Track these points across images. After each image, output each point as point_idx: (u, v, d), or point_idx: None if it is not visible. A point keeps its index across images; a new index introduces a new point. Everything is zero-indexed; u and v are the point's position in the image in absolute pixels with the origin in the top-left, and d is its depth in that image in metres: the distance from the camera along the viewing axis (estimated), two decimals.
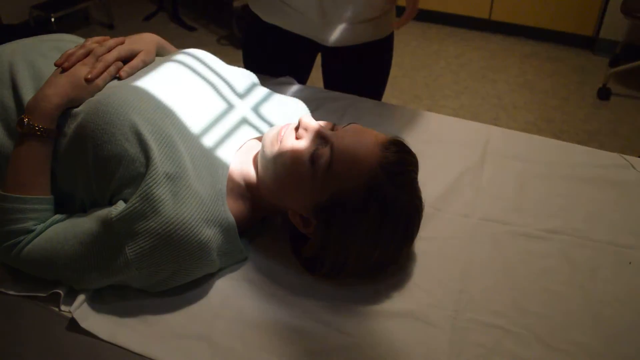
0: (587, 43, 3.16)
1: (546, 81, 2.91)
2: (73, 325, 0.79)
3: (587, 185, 1.06)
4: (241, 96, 0.98)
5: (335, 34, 1.27)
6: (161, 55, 1.00)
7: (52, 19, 3.12)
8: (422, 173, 0.86)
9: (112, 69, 0.88)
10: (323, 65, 1.46)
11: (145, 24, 3.61)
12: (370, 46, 1.32)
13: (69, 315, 0.79)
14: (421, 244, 0.93)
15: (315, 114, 1.23)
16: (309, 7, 1.22)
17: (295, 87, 1.36)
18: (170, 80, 0.90)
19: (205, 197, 0.80)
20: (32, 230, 0.82)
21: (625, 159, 1.13)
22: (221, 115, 0.92)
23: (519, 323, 0.80)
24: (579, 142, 2.26)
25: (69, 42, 1.01)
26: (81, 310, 0.80)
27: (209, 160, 0.85)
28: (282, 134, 0.84)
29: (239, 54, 1.47)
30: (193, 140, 0.85)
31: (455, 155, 1.15)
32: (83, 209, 0.86)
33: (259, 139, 0.96)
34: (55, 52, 0.93)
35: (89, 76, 0.85)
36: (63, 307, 0.81)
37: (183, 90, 0.89)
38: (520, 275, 0.88)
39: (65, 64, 0.86)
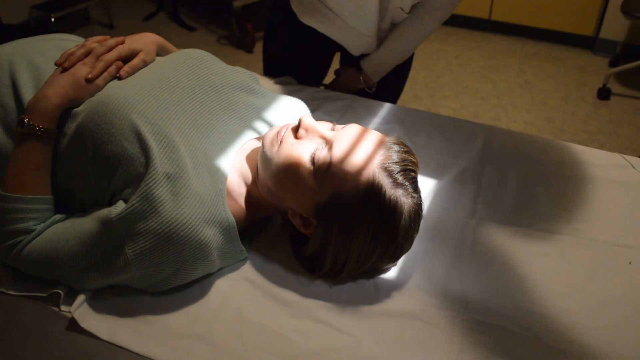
0: (587, 43, 3.16)
1: (546, 81, 2.91)
2: (73, 325, 0.79)
3: (587, 185, 1.06)
4: (241, 96, 0.98)
5: (369, 46, 1.32)
6: (161, 55, 1.00)
7: (52, 19, 3.11)
8: (422, 173, 0.86)
9: (112, 68, 0.88)
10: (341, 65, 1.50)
11: (145, 24, 3.60)
12: None
13: (69, 315, 0.79)
14: (421, 244, 0.93)
15: (315, 114, 1.24)
16: (366, 28, 1.25)
17: (296, 87, 1.36)
18: (171, 80, 0.89)
19: (205, 197, 0.80)
20: (32, 230, 0.82)
21: (625, 159, 1.13)
22: (221, 115, 0.92)
23: (519, 323, 0.80)
24: (579, 142, 2.26)
25: (69, 41, 1.01)
26: (81, 310, 0.80)
27: (209, 160, 0.85)
28: (282, 134, 0.84)
29: (239, 53, 1.47)
30: (193, 140, 0.85)
31: (455, 155, 1.15)
32: (83, 209, 0.86)
33: (259, 139, 0.96)
34: (55, 51, 0.93)
35: (90, 76, 0.85)
36: (63, 307, 0.81)
37: (183, 90, 0.89)
38: (520, 275, 0.88)
39: (66, 64, 0.86)
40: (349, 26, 1.24)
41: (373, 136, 0.81)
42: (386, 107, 1.32)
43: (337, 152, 0.78)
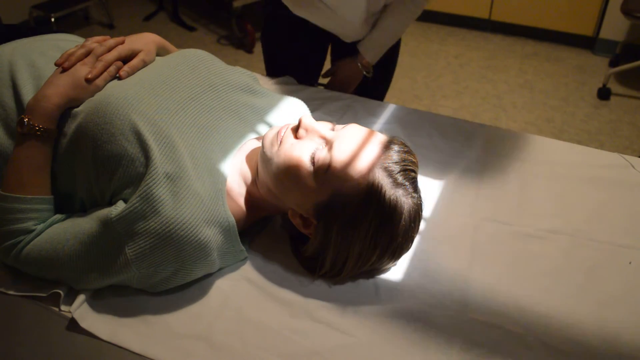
0: (587, 43, 3.16)
1: (546, 81, 2.91)
2: (73, 325, 0.79)
3: (587, 185, 1.06)
4: (241, 96, 0.98)
5: (360, 32, 1.35)
6: (161, 55, 1.00)
7: (52, 19, 3.12)
8: (422, 173, 0.86)
9: (112, 68, 0.88)
10: (333, 59, 1.53)
11: (145, 24, 3.60)
12: None
13: (69, 315, 0.79)
14: (421, 244, 0.93)
15: (315, 114, 1.24)
16: (355, 16, 1.28)
17: (295, 87, 1.37)
18: (170, 80, 0.89)
19: (205, 197, 0.80)
20: (32, 230, 0.82)
21: (625, 159, 1.13)
22: (221, 115, 0.92)
23: (519, 323, 0.80)
24: (579, 142, 2.26)
25: (69, 41, 1.01)
26: (81, 310, 0.80)
27: (209, 160, 0.85)
28: (282, 134, 0.83)
29: (239, 53, 1.48)
30: (193, 141, 0.85)
31: (455, 155, 1.15)
32: (83, 209, 0.86)
33: (259, 139, 0.96)
34: (55, 51, 0.93)
35: (89, 76, 0.85)
36: (63, 307, 0.81)
37: (183, 90, 0.89)
38: (520, 275, 0.88)
39: (66, 64, 0.86)
40: (338, 15, 1.27)
41: (373, 136, 0.81)
42: (386, 107, 1.32)
43: (337, 152, 0.78)
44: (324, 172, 0.78)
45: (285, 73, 1.41)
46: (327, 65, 1.56)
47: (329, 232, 0.80)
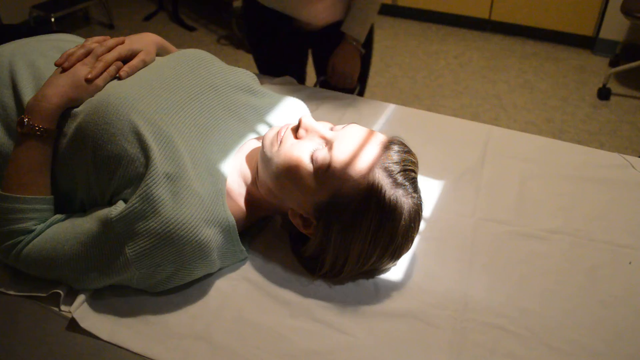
0: (587, 43, 3.16)
1: (546, 81, 2.91)
2: (73, 325, 0.79)
3: (587, 185, 1.06)
4: (241, 96, 0.98)
5: (323, 14, 1.39)
6: (161, 55, 1.00)
7: (52, 19, 3.12)
8: (422, 173, 0.86)
9: (112, 68, 0.88)
10: (314, 59, 1.59)
11: (145, 24, 3.61)
12: None
13: (69, 315, 0.79)
14: (421, 244, 0.93)
15: (315, 114, 1.24)
16: None
17: (295, 87, 1.37)
18: (170, 81, 0.89)
19: (205, 197, 0.80)
20: (32, 230, 0.82)
21: (625, 159, 1.13)
22: (221, 115, 0.92)
23: (519, 323, 0.80)
24: (579, 142, 2.26)
25: (69, 41, 1.01)
26: (81, 310, 0.80)
27: (209, 160, 0.85)
28: (282, 134, 0.83)
29: (239, 54, 1.50)
30: (193, 141, 0.85)
31: (455, 155, 1.15)
32: (83, 209, 0.86)
33: (259, 139, 0.96)
34: (55, 51, 0.93)
35: (89, 76, 0.85)
36: (63, 307, 0.81)
37: (183, 90, 0.89)
38: (520, 275, 0.88)
39: (65, 64, 0.86)
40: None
41: (373, 136, 0.81)
42: (386, 107, 1.32)
43: (337, 152, 0.78)
44: (324, 172, 0.78)
45: (269, 71, 1.45)
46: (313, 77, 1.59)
47: (329, 232, 0.80)
